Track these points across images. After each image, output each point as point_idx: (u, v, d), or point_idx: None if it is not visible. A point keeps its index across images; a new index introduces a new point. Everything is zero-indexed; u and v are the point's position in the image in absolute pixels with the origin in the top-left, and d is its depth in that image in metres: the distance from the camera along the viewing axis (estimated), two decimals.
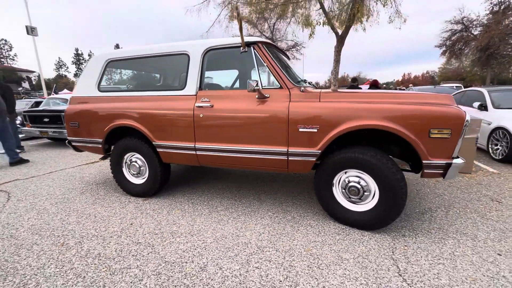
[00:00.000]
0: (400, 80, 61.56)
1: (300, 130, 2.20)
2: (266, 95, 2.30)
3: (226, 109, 2.42)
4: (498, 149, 4.24)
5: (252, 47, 2.39)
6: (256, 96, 2.33)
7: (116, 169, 3.02)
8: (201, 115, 2.49)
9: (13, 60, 51.98)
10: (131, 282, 1.66)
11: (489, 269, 1.72)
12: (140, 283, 1.65)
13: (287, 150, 2.27)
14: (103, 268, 1.79)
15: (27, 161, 4.68)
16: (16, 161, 4.50)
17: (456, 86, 13.77)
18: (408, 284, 1.60)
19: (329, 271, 1.73)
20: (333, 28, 6.10)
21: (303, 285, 1.61)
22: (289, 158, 2.29)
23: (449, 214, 2.49)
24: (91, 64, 2.99)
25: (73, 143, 3.16)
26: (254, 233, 2.21)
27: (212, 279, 1.67)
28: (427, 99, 2.05)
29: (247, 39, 2.39)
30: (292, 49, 13.50)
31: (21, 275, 1.73)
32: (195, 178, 3.68)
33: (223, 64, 2.70)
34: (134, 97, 2.80)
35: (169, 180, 3.16)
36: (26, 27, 14.49)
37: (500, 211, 2.52)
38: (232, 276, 1.70)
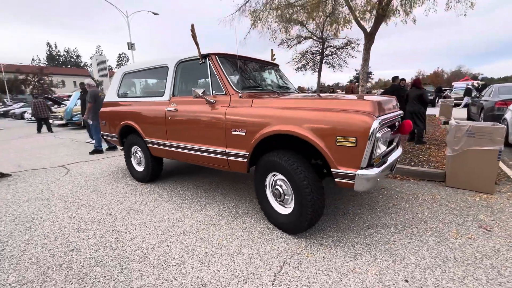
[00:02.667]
0: None
1: (233, 133, 2.42)
2: (212, 101, 2.60)
3: (185, 112, 2.83)
4: None
5: (207, 59, 2.72)
6: (206, 102, 2.65)
7: (127, 158, 3.85)
8: (169, 118, 2.98)
9: None
10: (82, 239, 2.28)
11: None
12: (88, 241, 2.25)
13: (225, 150, 2.52)
14: (76, 227, 2.49)
15: (101, 151, 6.09)
16: (96, 151, 5.93)
17: None
18: (271, 284, 1.66)
19: (217, 260, 1.93)
20: (359, 25, 5.57)
21: (186, 265, 1.88)
22: (228, 158, 2.53)
23: (401, 233, 2.22)
24: (115, 76, 3.90)
25: (104, 137, 4.17)
26: (192, 220, 2.56)
27: (129, 247, 2.13)
28: (344, 105, 1.95)
29: (203, 51, 2.73)
30: (347, 47, 12.60)
31: (32, 222, 2.60)
32: (192, 171, 4.22)
33: (193, 73, 3.10)
34: (136, 102, 3.53)
35: (162, 170, 3.78)
36: (128, 43, 18.37)
37: (473, 240, 2.08)
38: (144, 248, 2.11)
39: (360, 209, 2.68)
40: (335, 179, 1.92)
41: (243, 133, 2.34)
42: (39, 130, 9.93)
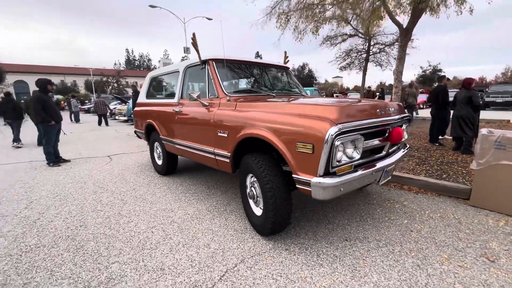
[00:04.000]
0: None
1: (218, 134, 2.56)
2: (206, 104, 2.79)
3: (187, 113, 3.09)
4: None
5: (206, 64, 2.92)
6: (202, 105, 2.86)
7: (151, 152, 4.35)
8: (176, 118, 3.29)
9: None
10: (93, 218, 2.73)
11: None
12: (96, 219, 2.69)
13: (214, 150, 2.68)
14: (93, 207, 2.99)
15: None
16: None
17: None
18: (219, 278, 1.76)
19: (185, 250, 2.11)
20: (394, 20, 4.97)
21: (158, 250, 2.11)
22: (216, 158, 2.69)
23: (379, 250, 2.04)
24: (145, 79, 4.43)
25: (136, 133, 4.78)
26: (183, 212, 2.80)
27: (123, 229, 2.48)
28: (310, 111, 1.90)
29: (203, 57, 2.94)
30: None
31: (66, 200, 3.20)
32: (205, 167, 4.51)
33: (197, 77, 3.32)
34: (156, 103, 3.97)
35: (177, 165, 4.15)
36: (183, 47, 20.12)
37: (464, 269, 1.80)
38: (133, 231, 2.43)
39: (348, 220, 2.53)
40: (297, 185, 1.90)
41: (226, 135, 2.47)
42: (99, 123, 12.12)
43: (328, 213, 2.69)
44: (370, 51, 11.85)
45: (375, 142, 2.07)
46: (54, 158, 4.97)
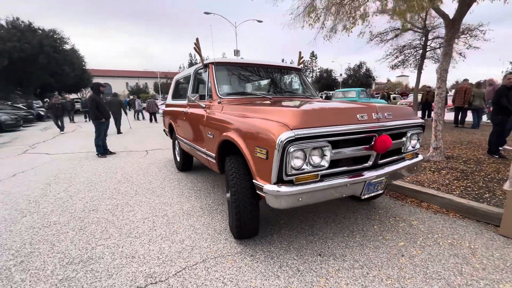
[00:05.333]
0: None
1: (207, 135, 2.65)
2: (202, 105, 2.91)
3: (191, 114, 3.26)
4: None
5: (207, 67, 3.04)
6: (200, 107, 2.98)
7: (173, 149, 4.71)
8: (184, 118, 3.50)
9: None
10: (106, 204, 3.12)
11: None
12: (107, 206, 3.07)
13: (205, 150, 2.78)
14: (110, 195, 3.41)
15: None
16: None
17: None
18: (174, 273, 1.84)
19: (161, 242, 2.26)
20: (437, 11, 4.14)
21: (138, 239, 2.31)
22: (207, 158, 2.78)
23: (351, 271, 1.83)
24: (172, 82, 4.82)
25: (165, 131, 5.23)
26: (178, 207, 2.97)
27: (122, 216, 2.77)
28: (274, 115, 1.82)
29: (205, 62, 3.07)
30: (464, 35, 9.42)
31: (94, 187, 3.73)
32: None
33: (203, 80, 3.44)
34: (176, 104, 4.28)
35: (192, 162, 4.40)
36: (234, 50, 20.99)
37: None
38: (129, 220, 2.70)
39: (335, 234, 2.32)
40: (256, 191, 1.85)
41: (212, 136, 2.54)
42: (151, 120, 14.15)
43: (316, 224, 2.51)
44: (428, 46, 10.33)
45: (350, 150, 1.85)
46: (102, 150, 5.81)
